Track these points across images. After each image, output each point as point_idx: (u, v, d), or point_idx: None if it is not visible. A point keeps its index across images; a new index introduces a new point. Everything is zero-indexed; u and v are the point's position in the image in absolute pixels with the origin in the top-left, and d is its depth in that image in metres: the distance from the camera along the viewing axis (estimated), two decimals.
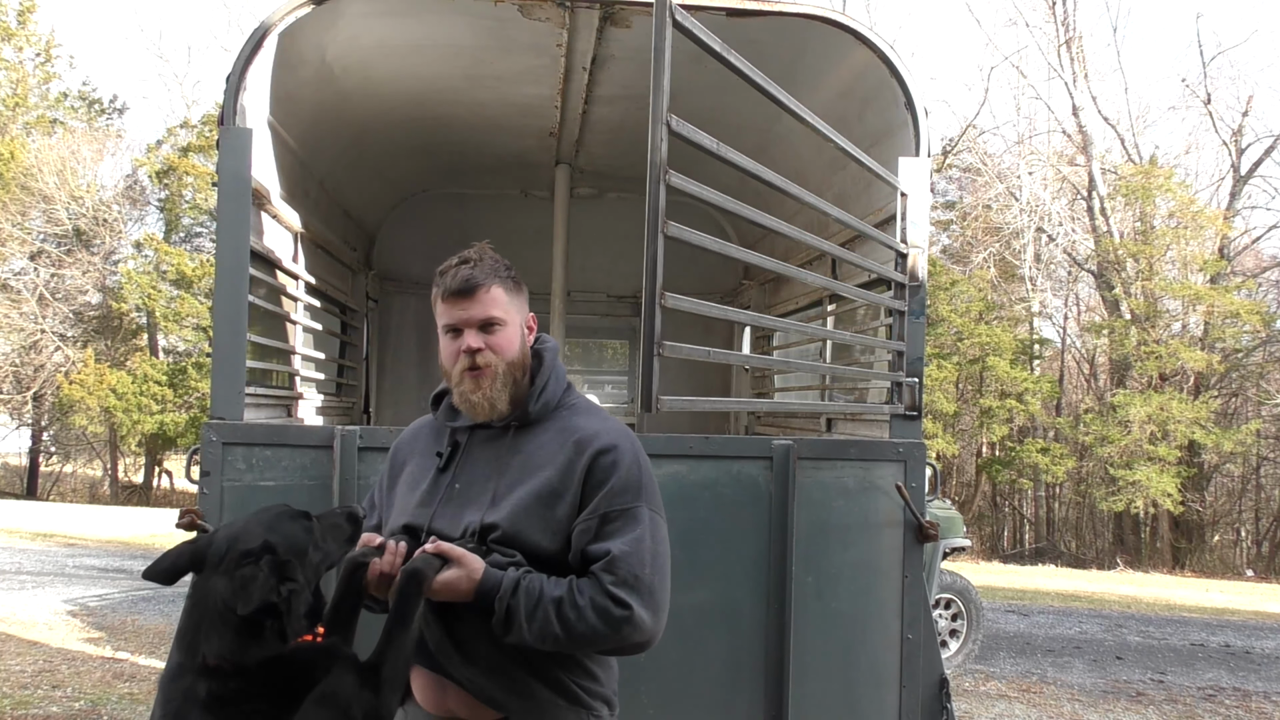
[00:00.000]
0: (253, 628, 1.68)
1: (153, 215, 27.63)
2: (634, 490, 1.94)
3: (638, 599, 1.86)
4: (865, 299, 3.71)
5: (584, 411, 2.07)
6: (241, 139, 3.16)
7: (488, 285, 2.01)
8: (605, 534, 1.90)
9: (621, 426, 2.05)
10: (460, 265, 2.04)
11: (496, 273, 2.04)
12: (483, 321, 2.00)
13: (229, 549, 1.73)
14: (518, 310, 2.06)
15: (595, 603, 1.85)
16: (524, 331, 2.07)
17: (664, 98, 2.36)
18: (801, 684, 3.16)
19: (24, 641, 7.37)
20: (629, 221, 6.32)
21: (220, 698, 1.65)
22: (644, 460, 2.00)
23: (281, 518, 1.82)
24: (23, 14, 26.20)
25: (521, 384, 2.04)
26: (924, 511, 3.29)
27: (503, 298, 2.02)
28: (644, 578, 1.88)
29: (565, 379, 2.12)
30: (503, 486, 1.98)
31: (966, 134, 25.47)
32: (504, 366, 2.00)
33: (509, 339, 2.02)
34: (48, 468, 27.99)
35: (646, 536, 1.91)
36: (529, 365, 2.07)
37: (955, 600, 7.47)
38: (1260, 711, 7.06)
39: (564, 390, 2.10)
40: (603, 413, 2.10)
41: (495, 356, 2.00)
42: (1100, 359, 25.34)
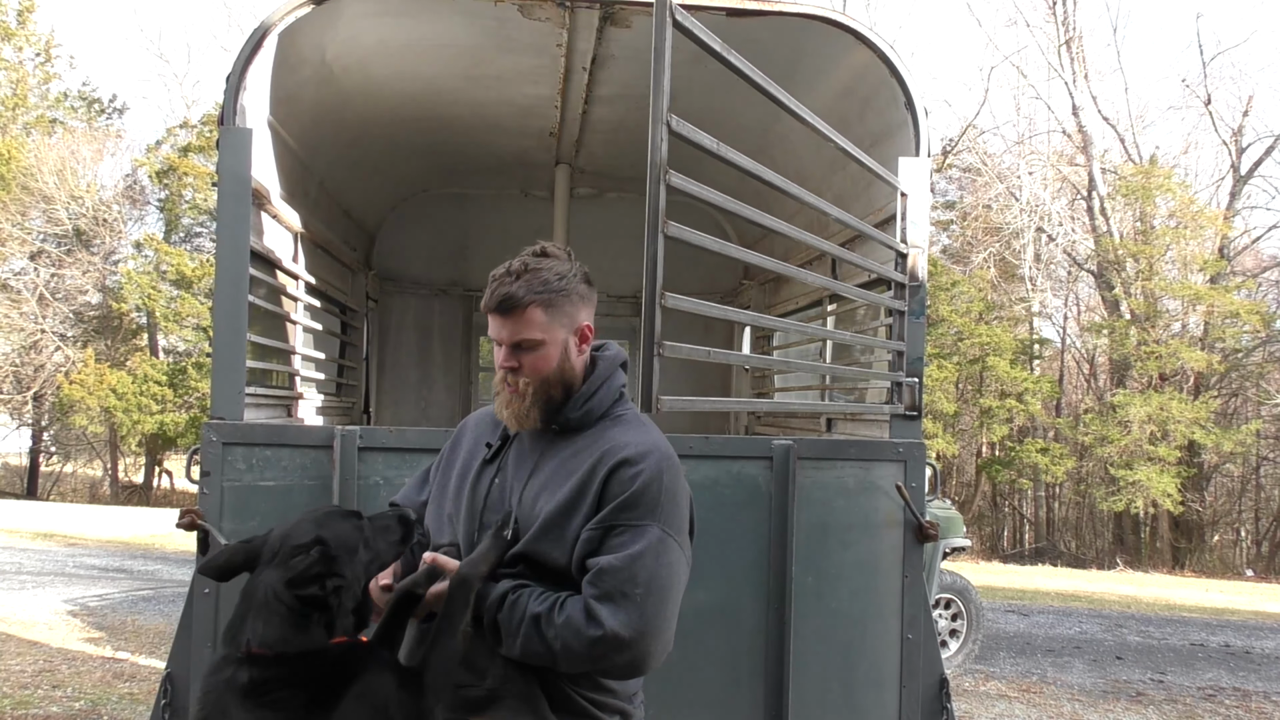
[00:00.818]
0: (299, 618, 1.70)
1: (153, 215, 27.67)
2: (649, 508, 1.85)
3: (617, 616, 1.76)
4: (865, 299, 3.71)
5: (628, 423, 2.01)
6: (241, 139, 3.16)
7: (523, 306, 1.94)
8: (606, 547, 1.83)
9: (658, 443, 1.96)
10: (504, 278, 1.97)
11: (535, 290, 1.95)
12: (515, 343, 1.96)
13: (281, 544, 1.77)
14: (562, 326, 1.98)
15: (571, 619, 1.78)
16: (571, 345, 2.00)
17: (664, 98, 2.36)
18: (801, 684, 3.16)
19: (24, 641, 7.37)
20: (629, 221, 6.31)
21: (259, 684, 1.67)
22: (671, 480, 1.90)
23: (332, 516, 1.86)
24: (23, 14, 26.21)
25: (557, 399, 1.99)
26: (924, 511, 3.29)
27: (539, 318, 1.95)
28: (631, 595, 1.78)
29: (619, 390, 2.06)
30: (528, 494, 1.96)
31: (966, 134, 25.47)
32: (536, 385, 1.96)
33: (545, 358, 1.96)
34: (48, 468, 28.00)
35: (648, 556, 1.81)
36: (576, 378, 2.01)
37: (955, 600, 7.47)
38: (1260, 711, 7.06)
39: (614, 401, 2.04)
40: (650, 428, 2.02)
41: (526, 376, 1.96)
42: (1100, 359, 25.34)
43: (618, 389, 2.05)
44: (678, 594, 1.87)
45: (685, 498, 1.95)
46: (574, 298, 2.00)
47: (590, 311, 2.05)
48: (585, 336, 2.03)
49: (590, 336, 2.04)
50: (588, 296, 2.04)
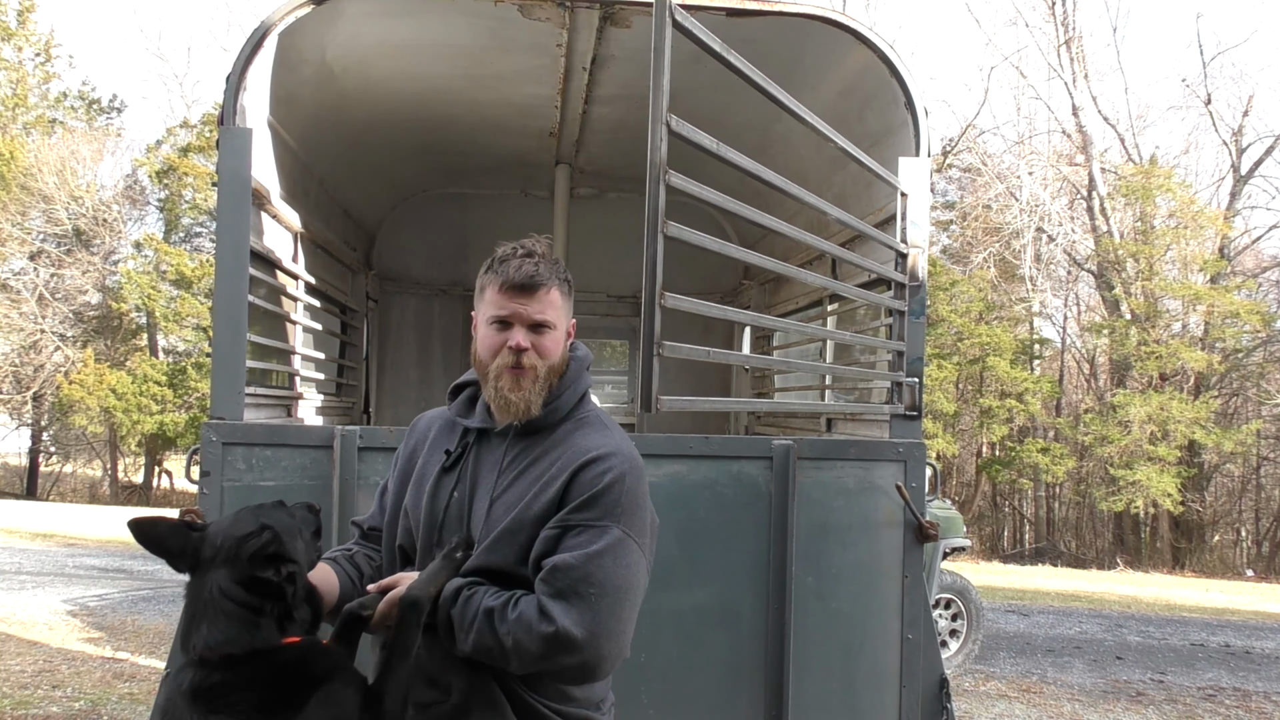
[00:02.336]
0: (250, 614, 1.65)
1: (153, 215, 27.67)
2: (609, 508, 1.80)
3: (569, 615, 1.71)
4: (865, 299, 3.71)
5: (591, 426, 1.96)
6: (241, 139, 3.16)
7: (549, 285, 1.93)
8: (563, 546, 1.78)
9: (622, 445, 1.91)
10: (525, 258, 1.93)
11: (556, 274, 1.97)
12: (536, 322, 1.93)
13: (223, 541, 1.70)
14: (567, 315, 2.00)
15: (524, 615, 1.73)
16: (565, 339, 2.01)
17: (664, 98, 2.36)
18: (801, 684, 3.16)
19: (24, 641, 7.37)
20: (629, 221, 6.31)
21: (208, 689, 1.61)
22: (634, 483, 1.85)
23: (264, 508, 1.80)
24: (23, 14, 26.21)
25: (553, 389, 1.97)
26: (924, 511, 3.29)
27: (558, 300, 1.96)
28: (585, 595, 1.72)
29: (583, 391, 2.03)
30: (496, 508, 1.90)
31: (966, 134, 25.48)
32: (545, 370, 1.93)
33: (555, 342, 1.96)
34: (48, 468, 27.99)
35: (606, 556, 1.76)
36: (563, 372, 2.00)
37: (955, 600, 7.47)
38: (1260, 711, 7.06)
39: (577, 401, 2.00)
40: (613, 429, 1.99)
41: (539, 359, 1.93)
42: (1100, 359, 25.34)
43: (582, 391, 2.02)
44: (636, 598, 1.81)
45: (647, 502, 1.90)
46: (572, 292, 2.03)
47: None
48: (570, 334, 2.03)
49: (573, 335, 2.06)
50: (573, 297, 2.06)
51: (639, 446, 3.09)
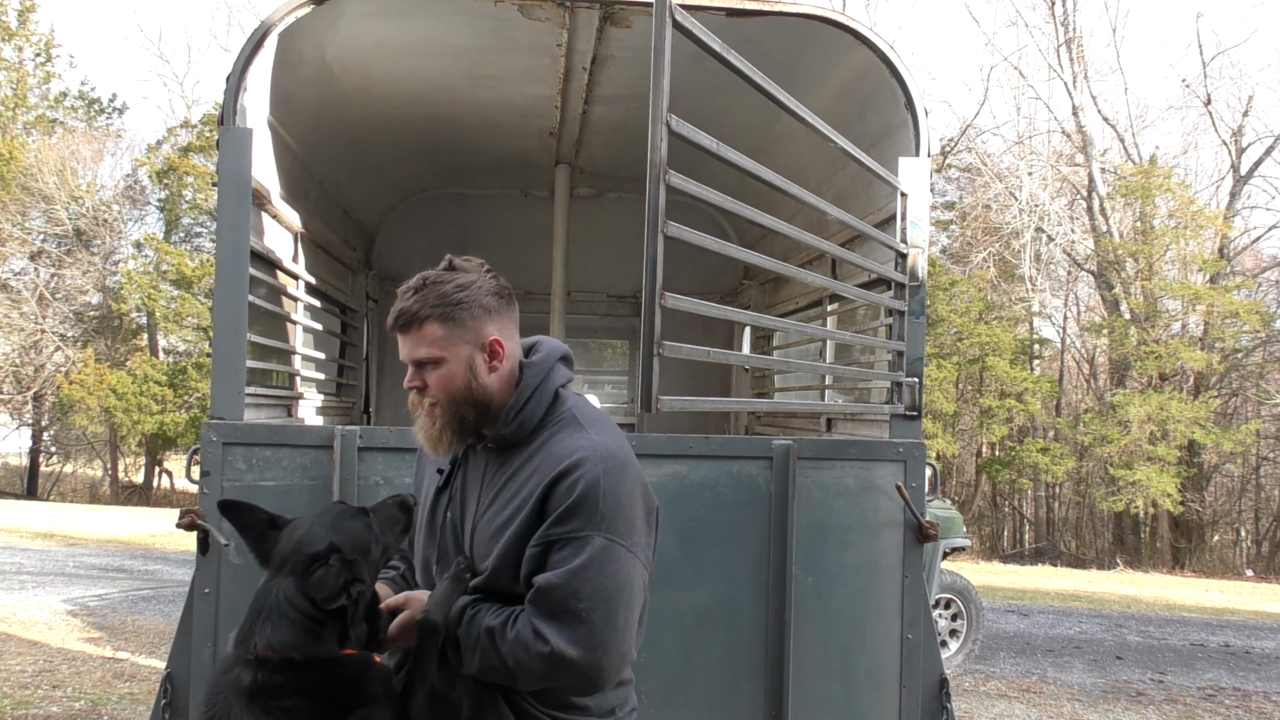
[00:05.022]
0: (314, 626, 1.67)
1: (153, 215, 27.67)
2: (588, 516, 1.75)
3: (562, 634, 1.70)
4: (865, 299, 3.71)
5: (565, 428, 1.89)
6: (241, 139, 3.16)
7: (420, 322, 1.85)
8: (548, 564, 1.75)
9: (596, 444, 1.83)
10: (404, 294, 1.88)
11: (432, 305, 1.85)
12: (416, 360, 1.88)
13: (295, 552, 1.72)
14: (464, 342, 1.87)
15: (520, 635, 1.73)
16: (478, 362, 1.88)
17: (664, 98, 2.36)
18: (801, 684, 3.16)
19: (24, 641, 7.37)
20: (629, 221, 6.32)
21: (265, 689, 1.63)
22: (612, 483, 1.78)
23: (343, 517, 1.82)
24: (23, 14, 26.21)
25: (471, 419, 1.89)
26: (924, 511, 3.29)
27: (436, 334, 1.85)
28: (576, 611, 1.71)
29: (552, 393, 1.93)
30: (480, 527, 1.89)
31: (966, 134, 25.48)
32: (444, 405, 1.87)
33: (448, 376, 1.86)
34: (48, 468, 28.00)
35: (591, 568, 1.73)
36: (491, 396, 1.89)
37: (955, 600, 7.47)
38: (1260, 711, 7.06)
39: (549, 406, 1.92)
40: (591, 424, 1.90)
41: (434, 395, 1.88)
42: (1100, 359, 25.35)
43: (551, 393, 1.93)
44: (631, 599, 1.78)
45: (634, 495, 1.82)
46: (477, 311, 1.88)
47: (503, 325, 1.92)
48: (496, 352, 1.90)
49: (503, 351, 1.91)
50: (498, 309, 1.91)
51: (639, 447, 3.11)
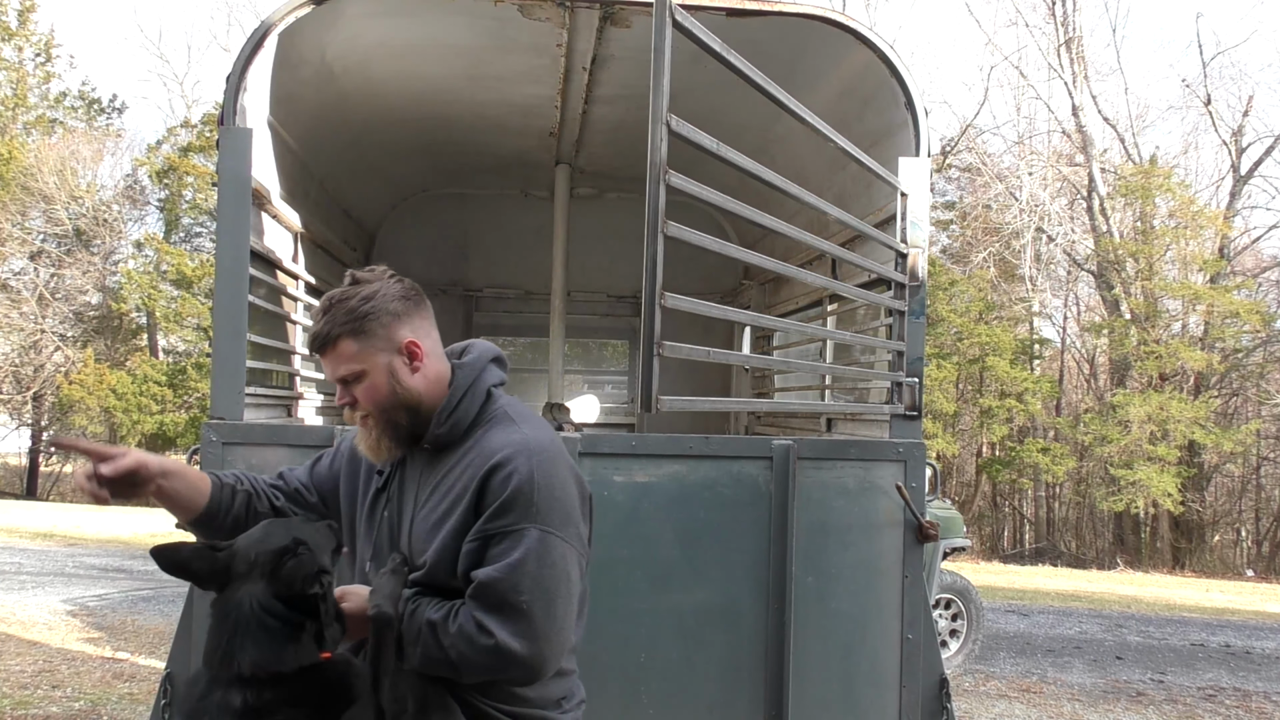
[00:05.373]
0: (292, 631, 1.64)
1: (153, 215, 27.68)
2: (523, 509, 1.79)
3: (505, 627, 1.75)
4: (865, 299, 3.71)
5: (498, 424, 1.93)
6: (241, 139, 3.16)
7: (334, 341, 1.90)
8: (486, 558, 1.79)
9: (528, 438, 1.88)
10: (315, 317, 1.94)
11: (340, 323, 1.90)
12: (338, 379, 1.93)
13: (256, 555, 1.68)
14: (380, 351, 1.91)
15: (464, 629, 1.76)
16: (399, 366, 1.92)
17: (664, 98, 2.36)
18: (801, 684, 3.16)
19: (24, 641, 7.37)
20: (629, 221, 6.31)
21: (258, 709, 1.60)
22: (545, 475, 1.83)
23: (292, 522, 1.81)
24: (23, 14, 26.22)
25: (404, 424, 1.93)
26: (924, 511, 3.29)
27: (350, 349, 1.90)
28: (517, 604, 1.76)
29: (484, 392, 1.97)
30: (417, 524, 1.93)
31: (966, 134, 25.48)
32: (376, 415, 1.92)
33: (372, 387, 1.91)
34: (48, 468, 27.99)
35: (529, 561, 1.77)
36: (419, 397, 1.93)
37: (955, 600, 7.47)
38: (1260, 711, 7.06)
39: (481, 405, 1.96)
40: (522, 420, 1.95)
41: (365, 408, 1.93)
42: (1100, 359, 25.35)
43: (483, 393, 1.97)
44: (568, 589, 1.83)
45: (567, 486, 1.86)
46: (386, 318, 1.92)
47: (416, 326, 1.96)
48: (414, 353, 1.93)
49: (421, 351, 1.94)
50: (407, 312, 1.96)
51: (639, 447, 3.12)
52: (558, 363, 5.85)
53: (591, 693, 3.10)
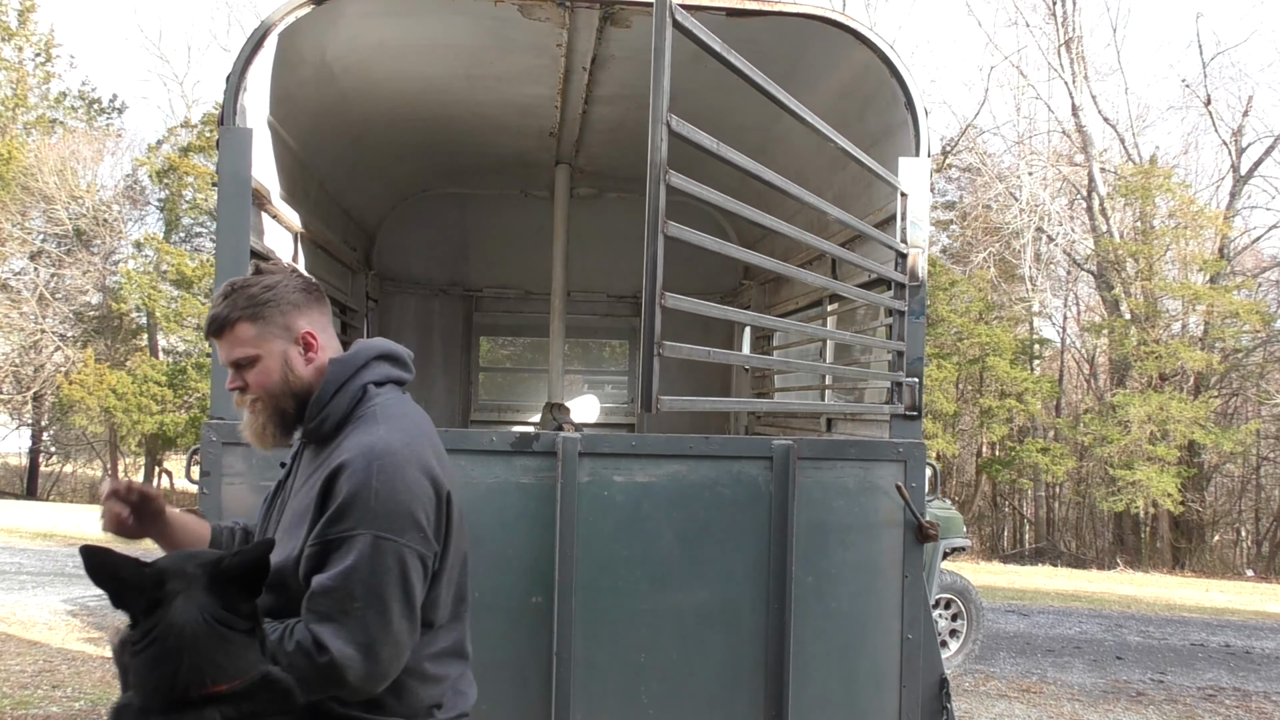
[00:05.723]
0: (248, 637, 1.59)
1: (153, 215, 27.67)
2: (359, 514, 1.76)
3: (339, 637, 1.72)
4: (865, 299, 3.71)
5: (363, 424, 1.91)
6: (241, 139, 3.16)
7: (231, 325, 1.92)
8: (326, 564, 1.77)
9: (379, 438, 1.85)
10: (215, 300, 1.96)
11: (240, 307, 1.92)
12: (232, 362, 1.94)
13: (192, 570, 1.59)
14: (277, 337, 1.94)
15: (301, 644, 1.72)
16: (293, 355, 1.95)
17: (664, 98, 2.36)
18: (801, 684, 3.16)
19: (24, 641, 7.37)
20: (629, 221, 6.32)
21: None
22: (385, 479, 1.79)
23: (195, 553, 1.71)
24: (23, 14, 26.22)
25: (290, 412, 1.96)
26: (924, 511, 3.29)
27: (248, 333, 1.92)
28: (351, 612, 1.73)
29: (359, 389, 1.96)
30: (283, 520, 1.94)
31: (966, 134, 25.49)
32: (265, 400, 1.95)
33: (265, 372, 1.93)
34: (48, 468, 28.00)
35: (361, 567, 1.74)
36: (306, 387, 1.95)
37: (955, 600, 7.47)
38: (1260, 711, 7.06)
39: (355, 403, 1.95)
40: (385, 420, 1.90)
41: (254, 392, 1.94)
42: (1100, 359, 25.35)
43: (358, 389, 1.96)
44: (404, 594, 1.78)
45: (414, 490, 1.82)
46: (286, 307, 1.95)
47: (314, 318, 2.00)
48: (310, 344, 1.97)
49: (316, 343, 1.98)
50: (306, 304, 1.99)
51: (639, 447, 3.12)
52: (558, 363, 5.85)
53: (592, 693, 3.11)
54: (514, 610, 3.05)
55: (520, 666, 3.06)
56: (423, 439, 1.92)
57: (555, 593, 3.03)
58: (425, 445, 1.90)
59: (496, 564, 3.04)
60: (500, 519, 3.06)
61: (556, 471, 3.05)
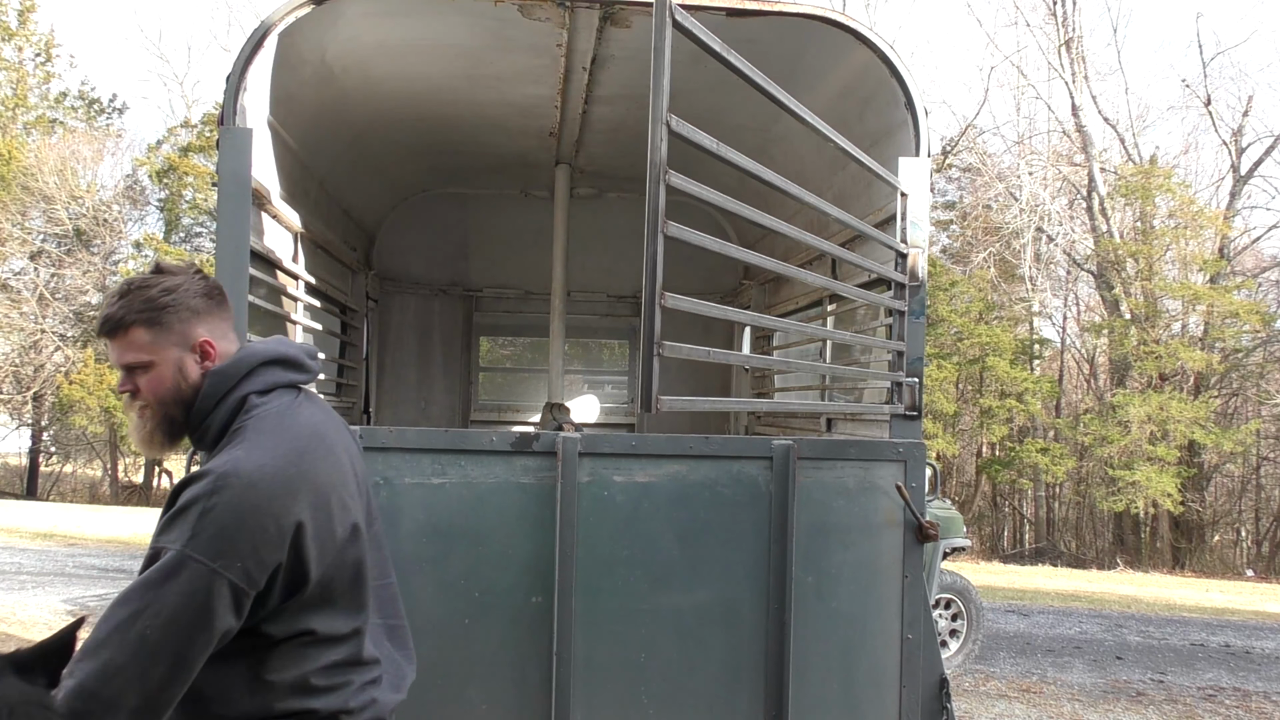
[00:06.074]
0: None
1: (153, 215, 27.69)
2: (184, 530, 1.68)
3: (78, 665, 1.59)
4: (865, 299, 3.70)
5: (233, 442, 1.83)
6: (241, 139, 3.16)
7: (125, 327, 1.85)
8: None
9: (235, 459, 1.76)
10: (109, 299, 1.89)
11: (136, 310, 1.85)
12: (124, 365, 1.88)
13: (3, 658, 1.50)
14: (172, 344, 1.87)
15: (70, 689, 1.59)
16: (188, 363, 1.89)
17: (664, 98, 2.36)
18: (801, 684, 3.16)
19: (24, 642, 7.36)
20: (629, 221, 6.32)
21: None
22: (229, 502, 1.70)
23: None
24: (23, 14, 26.23)
25: (180, 420, 1.91)
26: (924, 511, 3.29)
27: (142, 338, 1.85)
28: (98, 637, 1.62)
29: (238, 400, 1.88)
30: None
31: (966, 134, 25.49)
32: (154, 407, 1.88)
33: (157, 379, 1.87)
34: (48, 468, 28.01)
35: (156, 576, 1.65)
36: (200, 394, 1.89)
37: (955, 600, 7.48)
38: (1260, 711, 7.06)
39: (235, 414, 1.88)
40: (255, 437, 1.82)
41: (144, 399, 1.88)
42: (1100, 359, 25.35)
43: (237, 400, 1.88)
44: (192, 619, 1.66)
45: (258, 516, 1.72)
46: (184, 313, 1.88)
47: (214, 326, 1.93)
48: (208, 353, 1.90)
49: (214, 352, 1.91)
50: (207, 310, 1.91)
51: (639, 447, 3.12)
52: (558, 363, 5.85)
53: (592, 692, 3.11)
54: (514, 610, 3.05)
55: (520, 666, 3.06)
56: (299, 455, 1.82)
57: (555, 593, 3.03)
58: (293, 468, 1.79)
59: (496, 564, 3.04)
60: (500, 519, 3.05)
61: (556, 471, 3.05)
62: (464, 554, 3.02)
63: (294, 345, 2.02)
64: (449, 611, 3.01)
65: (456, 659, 3.02)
